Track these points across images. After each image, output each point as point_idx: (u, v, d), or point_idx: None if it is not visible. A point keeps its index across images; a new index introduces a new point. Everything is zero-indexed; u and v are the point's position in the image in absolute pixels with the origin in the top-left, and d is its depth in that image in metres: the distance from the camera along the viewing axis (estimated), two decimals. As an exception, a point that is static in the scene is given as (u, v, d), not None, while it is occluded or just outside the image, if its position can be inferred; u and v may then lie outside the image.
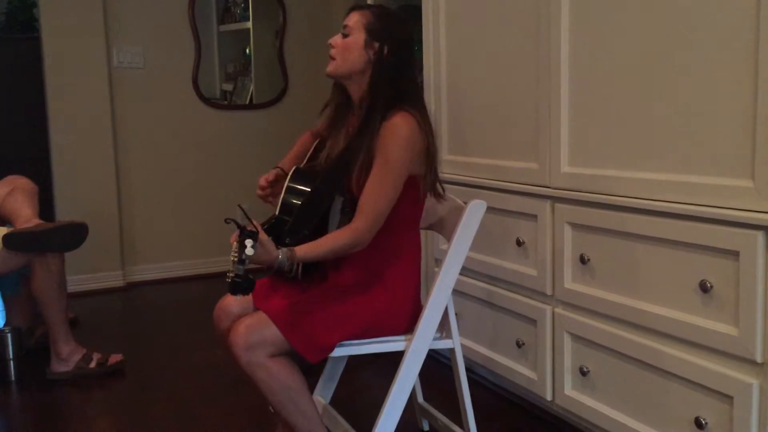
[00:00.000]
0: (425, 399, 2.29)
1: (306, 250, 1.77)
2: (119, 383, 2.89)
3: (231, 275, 1.60)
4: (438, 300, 1.89)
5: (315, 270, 1.99)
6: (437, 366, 2.79)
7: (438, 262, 2.76)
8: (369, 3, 2.71)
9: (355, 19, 1.91)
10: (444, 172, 2.67)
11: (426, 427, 2.33)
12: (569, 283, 2.17)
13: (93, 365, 2.93)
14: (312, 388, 2.06)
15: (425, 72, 2.83)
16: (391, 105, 1.86)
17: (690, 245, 1.77)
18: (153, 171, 4.40)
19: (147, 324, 3.74)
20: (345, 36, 1.92)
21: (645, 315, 1.91)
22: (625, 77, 1.94)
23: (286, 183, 1.96)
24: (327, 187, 1.91)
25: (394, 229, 1.90)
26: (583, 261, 2.10)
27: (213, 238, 4.45)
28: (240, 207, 1.79)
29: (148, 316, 3.90)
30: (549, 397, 2.28)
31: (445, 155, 2.73)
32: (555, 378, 2.25)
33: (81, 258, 3.72)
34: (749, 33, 1.60)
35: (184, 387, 2.82)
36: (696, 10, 1.73)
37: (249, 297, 1.93)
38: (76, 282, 3.98)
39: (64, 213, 4.06)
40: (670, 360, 1.85)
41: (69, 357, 2.91)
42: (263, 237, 1.68)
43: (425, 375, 2.13)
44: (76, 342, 2.95)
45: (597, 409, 2.09)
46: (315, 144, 2.11)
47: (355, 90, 1.95)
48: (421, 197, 1.95)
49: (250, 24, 4.70)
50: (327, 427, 2.03)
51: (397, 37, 1.92)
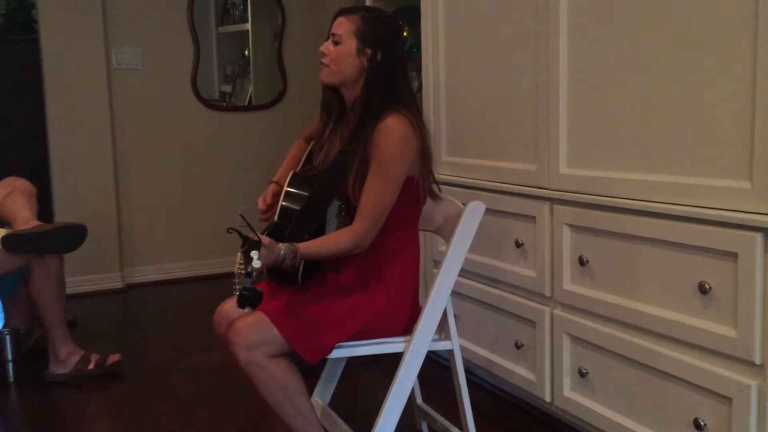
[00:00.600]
0: (424, 400, 2.29)
1: (308, 245, 1.79)
2: (117, 384, 2.88)
3: (239, 288, 1.59)
4: (437, 301, 1.89)
5: (314, 272, 1.99)
6: (436, 367, 2.79)
7: (437, 263, 2.76)
8: (361, 6, 2.71)
9: (345, 26, 1.90)
10: (442, 173, 2.68)
11: (425, 429, 2.33)
12: (568, 285, 2.17)
13: (91, 366, 2.93)
14: (311, 389, 2.06)
15: (424, 74, 2.83)
16: (385, 107, 1.87)
17: (689, 247, 1.78)
18: (152, 172, 4.39)
19: (145, 325, 3.73)
20: (336, 44, 1.90)
21: (644, 316, 1.91)
22: (624, 79, 1.94)
23: (284, 188, 1.97)
24: (325, 191, 1.91)
25: (392, 230, 1.91)
26: (582, 262, 2.11)
27: (211, 239, 4.45)
28: (241, 216, 1.79)
29: (146, 317, 3.90)
30: (548, 399, 2.28)
31: (444, 157, 2.73)
32: (554, 379, 2.25)
33: (80, 259, 3.73)
34: (747, 35, 1.61)
35: (182, 388, 2.82)
36: (694, 12, 1.73)
37: None
38: (74, 283, 3.97)
39: (62, 214, 4.06)
40: (668, 361, 1.85)
41: (67, 358, 2.91)
42: (265, 240, 1.68)
43: (424, 376, 2.13)
44: (74, 343, 2.95)
45: (596, 411, 2.10)
46: (309, 148, 2.11)
47: (349, 94, 1.95)
48: (419, 198, 1.95)
49: (249, 25, 4.69)
50: (326, 429, 2.03)
51: (389, 40, 1.91)
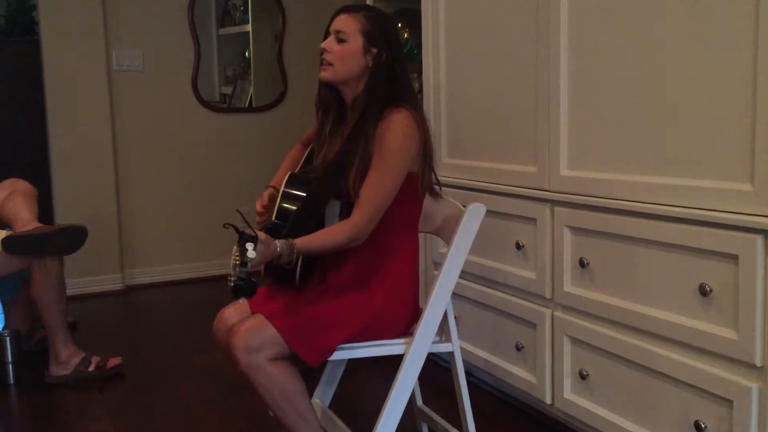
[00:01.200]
0: (424, 402, 2.28)
1: (305, 241, 1.77)
2: (118, 386, 2.88)
3: (233, 279, 1.60)
4: (437, 303, 1.89)
5: (313, 272, 1.99)
6: (436, 369, 2.79)
7: (437, 265, 2.75)
8: (362, 4, 2.70)
9: (350, 24, 1.89)
10: (443, 175, 2.67)
11: (425, 431, 2.32)
12: (569, 287, 2.17)
13: (92, 368, 2.93)
14: (311, 390, 2.06)
15: (424, 75, 2.83)
16: (388, 104, 1.87)
17: (689, 249, 1.78)
18: (152, 174, 4.40)
19: (146, 327, 3.73)
20: (341, 41, 1.89)
21: (644, 318, 1.91)
22: (625, 81, 1.94)
23: (281, 188, 1.96)
24: (323, 190, 1.90)
25: (392, 228, 1.90)
26: (583, 264, 2.10)
27: (212, 241, 4.45)
28: (239, 212, 1.79)
29: (147, 319, 3.90)
30: (548, 401, 2.28)
31: (445, 158, 2.73)
32: (554, 381, 2.25)
33: (80, 261, 3.73)
34: (749, 37, 1.61)
35: (183, 390, 2.82)
36: (695, 14, 1.73)
37: (248, 309, 1.93)
38: (75, 285, 3.97)
39: (63, 216, 4.06)
40: (669, 363, 1.85)
41: (68, 360, 2.91)
42: (261, 236, 1.68)
43: (424, 378, 2.12)
44: (75, 345, 2.95)
45: (596, 413, 2.09)
46: (308, 150, 2.11)
47: (350, 92, 1.94)
48: (419, 196, 1.95)
49: (249, 27, 4.70)
50: (326, 431, 2.03)
51: (393, 40, 1.92)
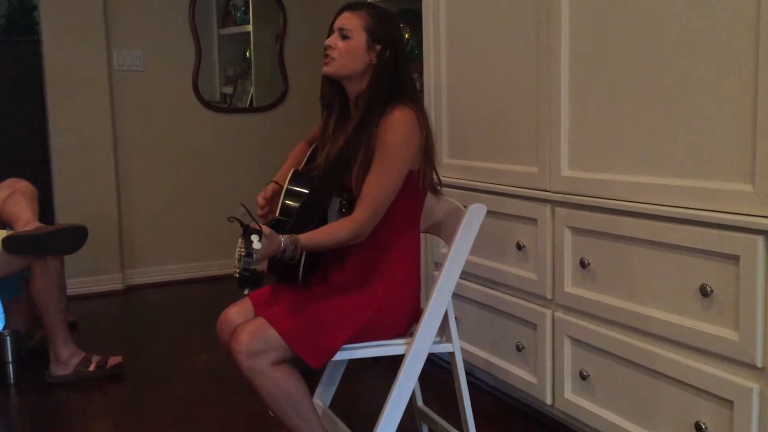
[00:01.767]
0: (425, 403, 2.28)
1: (308, 236, 1.78)
2: (118, 386, 2.88)
3: (238, 270, 1.60)
4: (438, 303, 1.89)
5: (315, 270, 1.99)
6: (437, 370, 2.78)
7: (438, 265, 2.75)
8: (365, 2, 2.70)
9: (354, 21, 1.90)
10: (444, 175, 2.66)
11: (425, 431, 2.32)
12: (569, 287, 2.17)
13: (92, 368, 2.93)
14: (311, 391, 2.06)
15: (425, 75, 2.83)
16: (390, 101, 1.88)
17: (690, 249, 1.77)
18: (153, 174, 4.39)
19: (146, 327, 3.73)
20: (345, 38, 1.90)
21: (645, 319, 1.91)
22: (626, 81, 1.94)
23: (285, 186, 1.97)
24: (326, 187, 1.91)
25: (394, 226, 1.91)
26: (583, 265, 2.10)
27: (213, 241, 4.45)
28: (243, 205, 1.79)
29: (147, 319, 3.90)
30: (549, 401, 2.28)
31: (445, 158, 2.73)
32: (555, 382, 2.25)
33: (80, 261, 3.72)
34: (749, 38, 1.61)
35: (183, 390, 2.81)
36: (696, 15, 1.73)
37: (251, 308, 1.93)
38: (75, 285, 3.97)
39: (63, 216, 4.06)
40: (670, 364, 1.84)
41: (68, 360, 2.91)
42: (266, 230, 1.68)
43: (425, 379, 2.12)
44: (75, 345, 2.95)
45: (597, 413, 2.09)
46: (311, 149, 2.11)
47: (353, 89, 1.95)
48: (421, 193, 1.95)
49: (250, 27, 4.69)
50: (326, 431, 2.02)
51: (396, 38, 1.93)
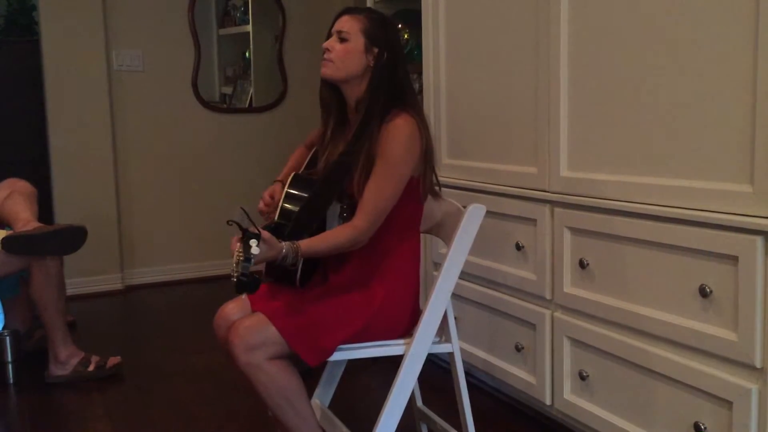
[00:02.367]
0: (424, 403, 2.28)
1: (309, 243, 1.79)
2: (117, 386, 2.88)
3: (236, 274, 1.60)
4: (437, 304, 1.89)
5: (313, 274, 1.99)
6: (436, 370, 2.78)
7: (437, 266, 2.75)
8: (364, 7, 2.70)
9: (352, 24, 1.91)
10: (443, 176, 2.67)
11: (424, 431, 2.32)
12: (568, 288, 2.17)
13: (91, 368, 2.93)
14: (310, 390, 2.06)
15: (424, 76, 2.83)
16: (390, 107, 1.88)
17: (689, 250, 1.78)
18: (152, 174, 4.39)
19: (145, 327, 3.73)
20: (343, 40, 1.90)
21: (644, 319, 1.91)
22: (625, 81, 1.94)
23: (284, 189, 1.97)
24: (326, 192, 1.91)
25: (393, 229, 1.91)
26: (583, 265, 2.10)
27: (212, 241, 4.44)
28: (242, 209, 1.79)
29: (146, 319, 3.89)
30: (548, 402, 2.28)
31: (445, 159, 2.73)
32: (554, 382, 2.25)
33: (80, 261, 3.72)
34: (748, 38, 1.61)
35: (182, 390, 2.81)
36: (695, 15, 1.73)
37: (248, 305, 1.93)
38: (74, 285, 3.97)
39: (63, 216, 4.06)
40: (669, 365, 1.84)
41: (67, 360, 2.91)
42: (265, 235, 1.68)
43: (424, 379, 2.12)
44: (74, 345, 2.95)
45: (596, 414, 2.09)
46: (311, 154, 2.12)
47: (351, 93, 1.94)
48: (421, 198, 1.96)
49: (249, 27, 4.70)
50: (325, 431, 2.02)
51: (394, 41, 1.94)
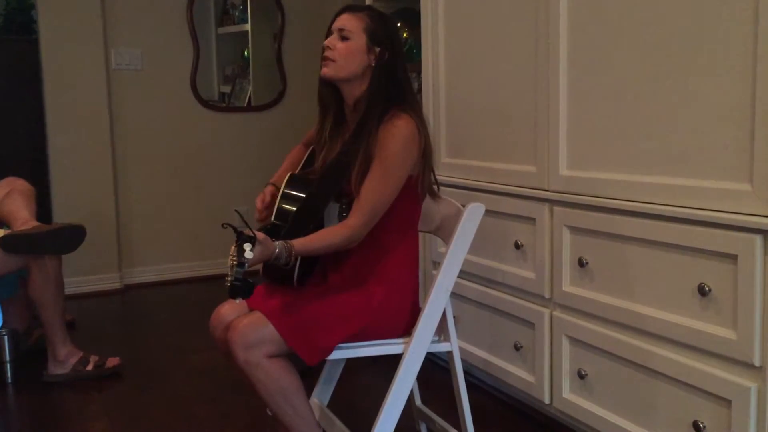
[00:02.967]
0: (423, 402, 2.28)
1: (302, 242, 1.78)
2: (116, 385, 2.88)
3: (230, 279, 1.60)
4: (436, 303, 1.89)
5: (311, 274, 1.99)
6: (435, 369, 2.78)
7: (436, 264, 2.75)
8: (364, 5, 2.70)
9: (354, 23, 1.90)
10: (442, 174, 2.67)
11: (424, 430, 2.32)
12: (567, 287, 2.17)
13: (90, 367, 2.93)
14: (310, 389, 2.06)
15: (423, 75, 2.83)
16: (389, 107, 1.87)
17: (688, 248, 1.78)
18: (151, 173, 4.39)
19: (144, 326, 3.73)
20: (344, 39, 1.90)
21: (643, 318, 1.91)
22: (624, 80, 1.94)
23: (281, 189, 1.96)
24: (323, 191, 1.90)
25: (392, 228, 1.91)
26: (582, 264, 2.10)
27: (210, 240, 4.45)
28: (237, 212, 1.78)
29: (145, 318, 3.89)
30: (547, 401, 2.28)
31: (444, 158, 2.73)
32: (553, 381, 2.25)
33: (78, 260, 3.73)
34: (747, 38, 1.61)
35: (181, 389, 2.81)
36: (694, 15, 1.73)
37: (245, 306, 1.93)
38: (73, 284, 3.97)
39: (61, 215, 4.06)
40: (668, 363, 1.85)
41: (66, 359, 2.91)
42: (260, 236, 1.68)
43: (423, 378, 2.12)
44: (73, 344, 2.95)
45: (595, 413, 2.09)
46: (308, 152, 2.11)
47: (351, 92, 1.94)
48: (419, 197, 1.95)
49: (248, 26, 4.69)
50: (324, 430, 2.02)
51: (395, 41, 1.93)
